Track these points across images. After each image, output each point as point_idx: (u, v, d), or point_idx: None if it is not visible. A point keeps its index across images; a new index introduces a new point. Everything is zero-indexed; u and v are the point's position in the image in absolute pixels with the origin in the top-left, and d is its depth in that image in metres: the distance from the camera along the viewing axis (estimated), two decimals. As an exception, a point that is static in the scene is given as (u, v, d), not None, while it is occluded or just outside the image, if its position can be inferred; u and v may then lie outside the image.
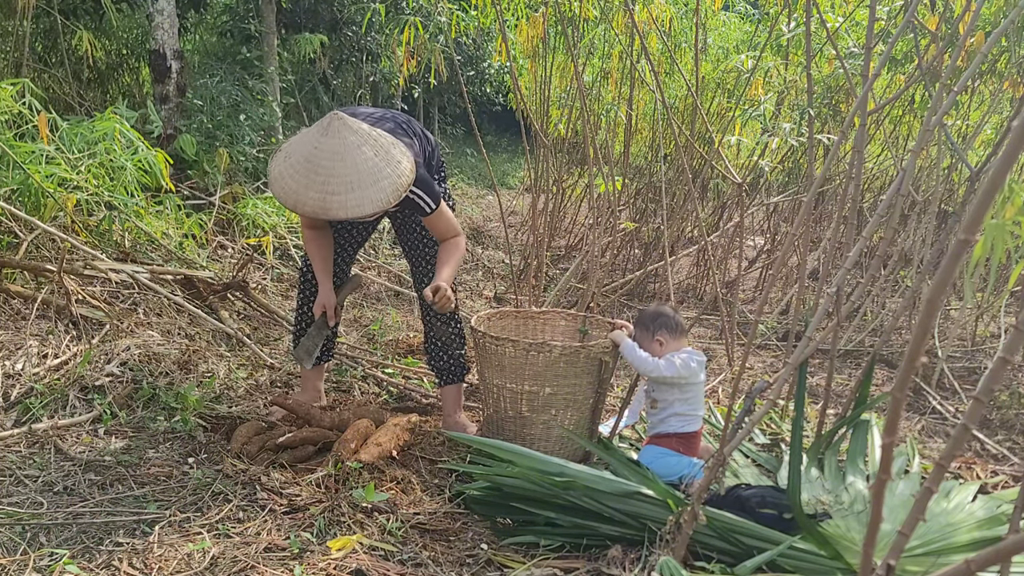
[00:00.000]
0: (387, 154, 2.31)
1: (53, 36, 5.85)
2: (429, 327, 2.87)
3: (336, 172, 2.24)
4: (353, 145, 2.25)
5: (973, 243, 0.75)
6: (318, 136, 2.27)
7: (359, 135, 2.28)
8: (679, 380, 2.47)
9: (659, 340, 2.52)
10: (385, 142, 2.34)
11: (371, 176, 2.26)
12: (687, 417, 2.51)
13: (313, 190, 2.24)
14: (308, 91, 7.65)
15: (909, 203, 5.07)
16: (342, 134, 2.25)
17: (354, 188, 2.24)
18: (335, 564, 1.88)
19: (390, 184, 2.28)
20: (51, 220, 3.49)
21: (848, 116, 2.51)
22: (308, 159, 2.26)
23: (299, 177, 2.26)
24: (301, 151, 2.28)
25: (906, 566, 1.97)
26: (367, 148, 2.27)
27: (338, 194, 2.24)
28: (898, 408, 0.84)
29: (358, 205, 2.25)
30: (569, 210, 6.76)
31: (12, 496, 2.07)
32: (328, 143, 2.25)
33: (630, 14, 3.53)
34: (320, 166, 2.24)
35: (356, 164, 2.25)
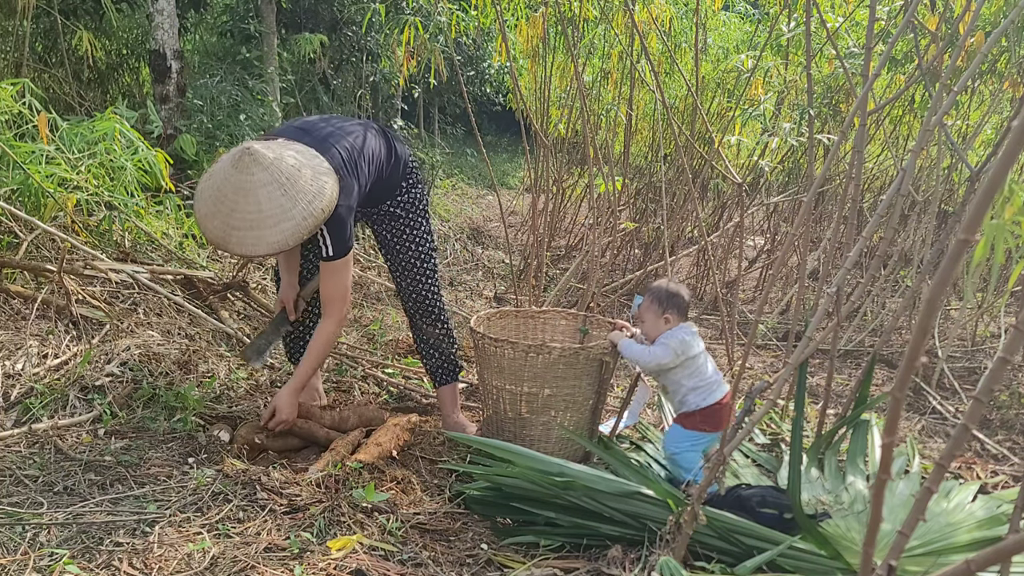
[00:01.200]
0: (297, 194, 2.22)
1: (53, 36, 5.85)
2: (416, 328, 2.88)
3: (239, 208, 2.21)
4: (259, 183, 2.20)
5: (973, 243, 0.75)
6: (229, 168, 2.23)
7: (269, 172, 2.20)
8: (678, 361, 2.44)
9: (667, 318, 2.49)
10: (300, 180, 2.23)
11: (273, 218, 2.21)
12: (702, 390, 2.44)
13: (218, 219, 2.23)
14: (308, 91, 7.64)
15: (909, 203, 5.07)
16: (250, 170, 2.20)
17: (253, 227, 2.21)
18: (335, 564, 1.88)
19: (292, 226, 2.22)
20: (51, 220, 3.49)
21: (848, 116, 2.51)
22: (218, 188, 2.23)
23: (208, 204, 2.24)
24: (217, 177, 2.25)
25: (906, 566, 1.97)
26: (274, 188, 2.20)
27: (238, 230, 2.22)
28: (898, 408, 0.85)
29: (254, 244, 2.23)
30: (569, 210, 6.76)
31: (12, 496, 2.06)
32: (235, 177, 2.21)
33: (630, 14, 3.53)
34: (226, 198, 2.22)
35: (259, 203, 2.20)
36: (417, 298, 2.82)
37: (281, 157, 2.24)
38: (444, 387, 2.88)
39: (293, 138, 2.39)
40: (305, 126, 2.49)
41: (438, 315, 2.84)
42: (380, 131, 2.66)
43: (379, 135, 2.63)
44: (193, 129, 5.01)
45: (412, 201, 2.74)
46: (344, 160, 2.41)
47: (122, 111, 3.95)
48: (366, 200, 2.60)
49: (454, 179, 10.41)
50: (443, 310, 2.86)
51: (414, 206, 2.75)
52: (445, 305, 2.89)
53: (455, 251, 6.47)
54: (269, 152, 2.23)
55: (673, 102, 5.56)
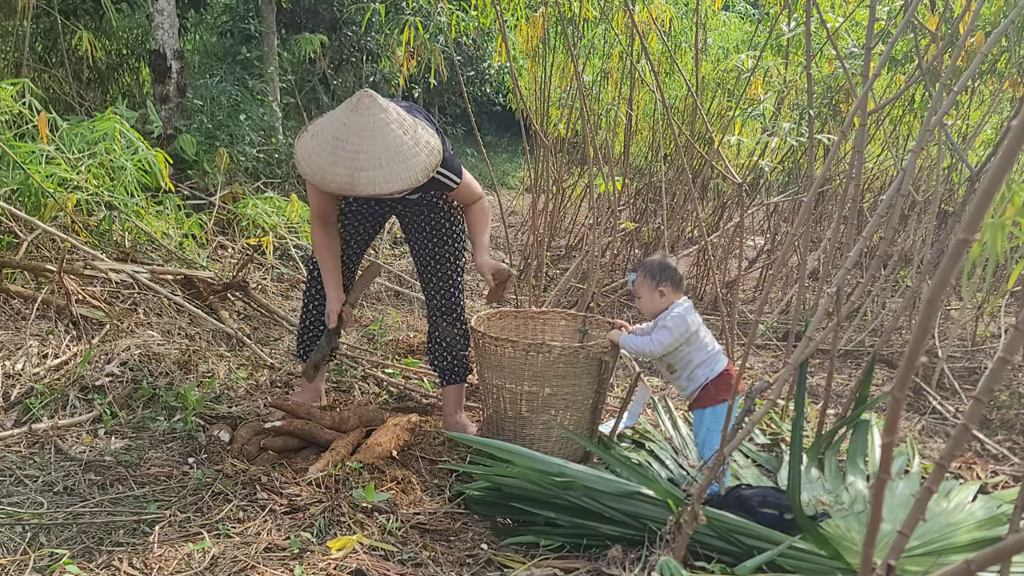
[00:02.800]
0: (415, 134, 2.32)
1: (53, 36, 5.85)
2: (434, 327, 2.87)
3: (365, 148, 2.25)
4: (382, 123, 2.26)
5: (973, 243, 0.75)
6: (347, 113, 2.27)
7: (388, 113, 2.29)
8: (682, 339, 2.43)
9: (661, 291, 2.49)
10: (414, 122, 2.36)
11: (400, 154, 2.27)
12: (707, 362, 2.44)
13: (340, 166, 2.24)
14: (308, 91, 7.65)
15: (909, 203, 5.07)
16: (371, 111, 2.26)
17: (383, 164, 2.25)
18: (335, 564, 1.88)
19: (419, 163, 2.30)
20: (51, 220, 3.49)
21: (848, 116, 2.51)
22: (336, 136, 2.26)
23: (326, 154, 2.26)
24: (329, 129, 2.28)
25: (906, 566, 1.97)
26: (395, 126, 2.29)
27: (366, 170, 2.24)
28: (898, 408, 0.85)
29: (386, 181, 2.26)
30: (569, 210, 6.76)
31: (12, 496, 2.07)
32: (357, 120, 2.25)
33: (630, 14, 3.53)
34: (348, 142, 2.25)
35: (385, 141, 2.26)
36: (444, 295, 2.82)
37: (389, 102, 2.35)
38: (450, 387, 2.87)
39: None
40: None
41: (459, 315, 2.84)
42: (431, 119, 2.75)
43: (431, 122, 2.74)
44: (193, 129, 5.01)
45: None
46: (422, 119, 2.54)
47: (122, 111, 3.95)
48: None
49: (454, 179, 10.39)
50: (463, 310, 2.86)
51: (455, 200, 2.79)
52: (464, 306, 2.90)
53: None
54: (381, 97, 2.32)
55: (673, 102, 5.56)
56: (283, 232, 4.86)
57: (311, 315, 2.85)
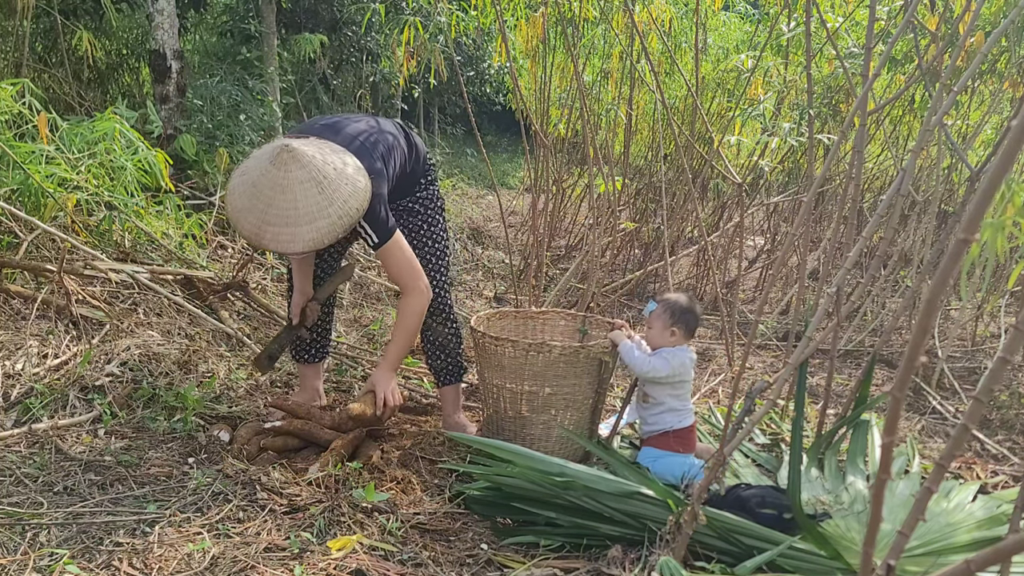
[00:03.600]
0: (334, 193, 2.24)
1: (53, 36, 5.85)
2: (426, 328, 2.86)
3: (275, 204, 2.22)
4: (296, 180, 2.21)
5: (973, 243, 0.75)
6: (267, 163, 2.24)
7: (307, 170, 2.22)
8: (673, 379, 2.50)
9: (673, 331, 2.53)
10: (335, 177, 2.26)
11: (308, 215, 2.23)
12: (680, 412, 2.54)
13: (253, 215, 2.24)
14: (308, 91, 7.65)
15: (909, 203, 5.07)
16: (288, 167, 2.22)
17: (289, 224, 2.23)
18: (335, 564, 1.88)
19: (327, 224, 2.24)
20: (51, 220, 3.49)
21: (848, 116, 2.51)
22: (254, 183, 2.25)
23: (244, 199, 2.26)
24: (252, 173, 2.27)
25: (906, 566, 1.97)
26: (311, 185, 2.22)
27: (273, 225, 2.23)
28: (897, 407, 0.85)
29: (290, 241, 2.24)
30: (569, 210, 6.76)
31: (12, 496, 2.07)
32: (273, 174, 2.22)
33: (630, 14, 3.53)
34: (262, 194, 2.23)
35: (296, 200, 2.22)
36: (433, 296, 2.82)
37: (318, 155, 2.27)
38: (447, 387, 2.87)
39: (323, 136, 2.42)
40: (333, 124, 2.52)
41: (448, 314, 2.84)
42: (401, 128, 2.71)
43: (401, 132, 2.69)
44: (193, 129, 5.01)
45: (430, 197, 2.77)
46: (374, 155, 2.45)
47: (122, 111, 3.95)
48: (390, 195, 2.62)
49: (454, 179, 10.41)
50: (453, 310, 2.86)
51: (431, 202, 2.78)
52: (454, 305, 2.89)
53: (455, 251, 6.47)
54: (307, 149, 2.25)
55: (673, 102, 5.56)
56: (283, 232, 4.84)
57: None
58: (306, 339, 2.86)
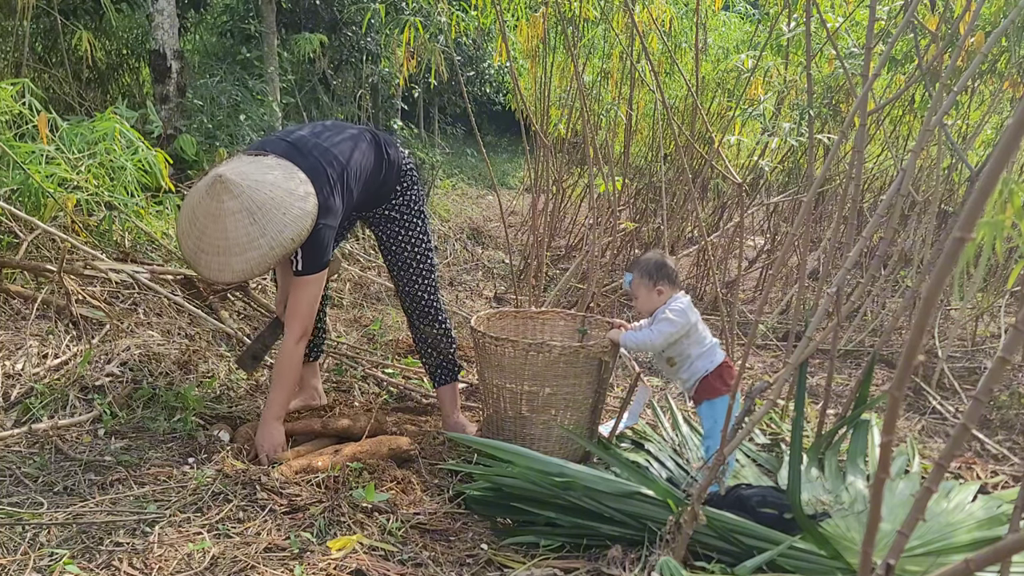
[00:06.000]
0: (267, 224, 2.23)
1: (53, 36, 5.84)
2: (415, 329, 2.88)
3: (207, 233, 2.26)
4: (228, 211, 2.23)
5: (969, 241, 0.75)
6: (203, 192, 2.27)
7: (239, 200, 2.22)
8: (684, 331, 2.43)
9: (660, 290, 2.49)
10: (271, 207, 2.23)
11: (239, 246, 2.24)
12: (707, 354, 2.45)
13: (190, 240, 2.29)
14: (308, 91, 7.64)
15: (909, 203, 5.07)
16: (220, 197, 2.23)
17: (220, 253, 2.26)
18: (335, 564, 1.88)
19: (258, 256, 2.25)
20: (51, 220, 3.49)
21: (848, 116, 2.51)
22: (192, 210, 2.29)
23: (184, 223, 2.32)
24: (192, 200, 2.31)
25: (906, 566, 1.97)
26: (243, 216, 2.23)
27: (206, 253, 2.27)
28: (896, 407, 0.85)
29: (219, 270, 2.27)
30: (569, 210, 6.76)
31: (12, 496, 2.07)
32: (206, 203, 2.25)
33: (630, 14, 3.53)
34: (197, 220, 2.27)
35: (226, 231, 2.23)
36: (414, 298, 2.82)
37: (255, 185, 2.24)
38: (444, 387, 2.88)
39: (281, 154, 2.39)
40: (296, 141, 2.47)
41: (435, 315, 2.84)
42: (372, 139, 2.65)
43: (371, 145, 2.62)
44: (193, 129, 5.01)
45: (407, 203, 2.75)
46: (329, 178, 2.40)
47: (122, 111, 3.95)
48: (360, 206, 2.64)
49: (454, 179, 10.41)
50: (440, 310, 2.86)
51: (409, 208, 2.75)
52: (443, 305, 2.89)
53: (455, 251, 6.47)
54: (242, 180, 2.23)
55: (673, 102, 5.55)
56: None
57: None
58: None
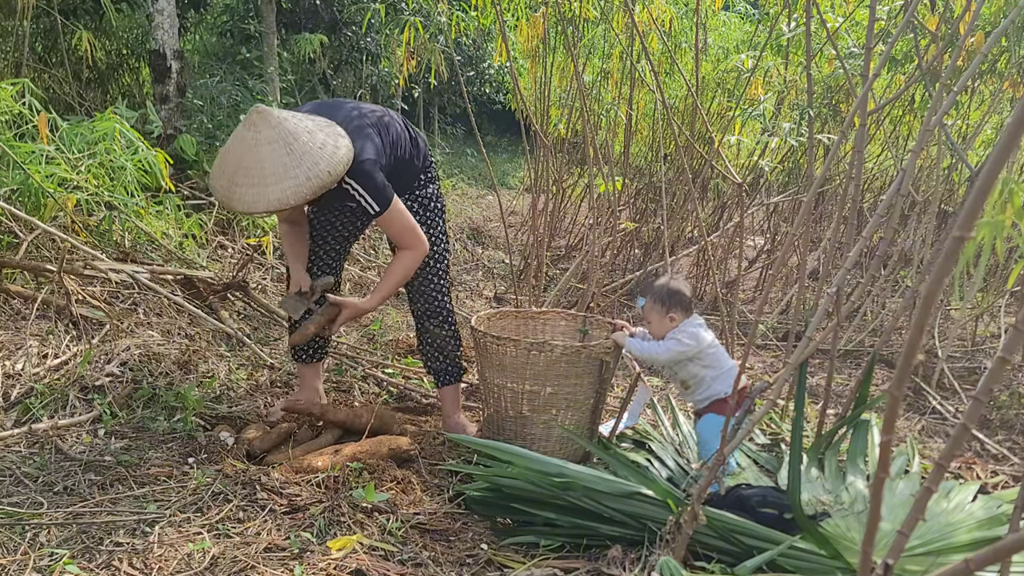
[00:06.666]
0: (302, 154, 2.23)
1: (53, 36, 5.84)
2: (422, 329, 2.86)
3: (243, 164, 2.24)
4: (265, 140, 2.23)
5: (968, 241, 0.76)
6: (240, 127, 2.28)
7: (276, 130, 2.23)
8: (692, 353, 2.43)
9: (672, 317, 2.49)
10: (307, 140, 2.25)
11: (275, 175, 2.23)
12: (725, 376, 2.44)
13: (224, 178, 2.27)
14: (308, 91, 7.64)
15: (909, 203, 5.07)
16: (257, 127, 2.24)
17: (255, 184, 2.23)
18: (335, 564, 1.88)
19: (293, 185, 2.23)
20: (51, 220, 3.49)
21: (848, 116, 2.51)
22: (228, 148, 2.28)
23: (218, 163, 2.30)
24: (230, 140, 2.31)
25: (906, 566, 1.97)
26: (279, 146, 2.23)
27: (241, 187, 2.25)
28: (896, 406, 0.85)
29: (254, 201, 2.24)
30: (569, 210, 6.76)
31: (12, 496, 2.07)
32: (243, 134, 2.25)
33: (630, 14, 3.53)
34: (233, 155, 2.26)
35: (262, 160, 2.23)
36: (427, 298, 2.79)
37: (292, 119, 2.28)
38: (446, 388, 2.87)
39: (317, 112, 2.45)
40: (331, 103, 2.56)
41: (445, 316, 2.82)
42: (402, 119, 2.71)
43: (401, 123, 2.68)
44: (193, 129, 5.01)
45: (429, 197, 2.74)
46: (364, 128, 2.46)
47: (122, 111, 3.95)
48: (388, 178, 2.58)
49: (454, 179, 10.41)
50: (451, 312, 2.84)
51: (431, 202, 2.75)
52: (452, 307, 2.87)
53: (455, 251, 6.47)
54: (279, 113, 2.27)
55: (673, 102, 5.55)
56: (283, 232, 4.85)
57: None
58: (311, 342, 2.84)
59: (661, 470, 2.57)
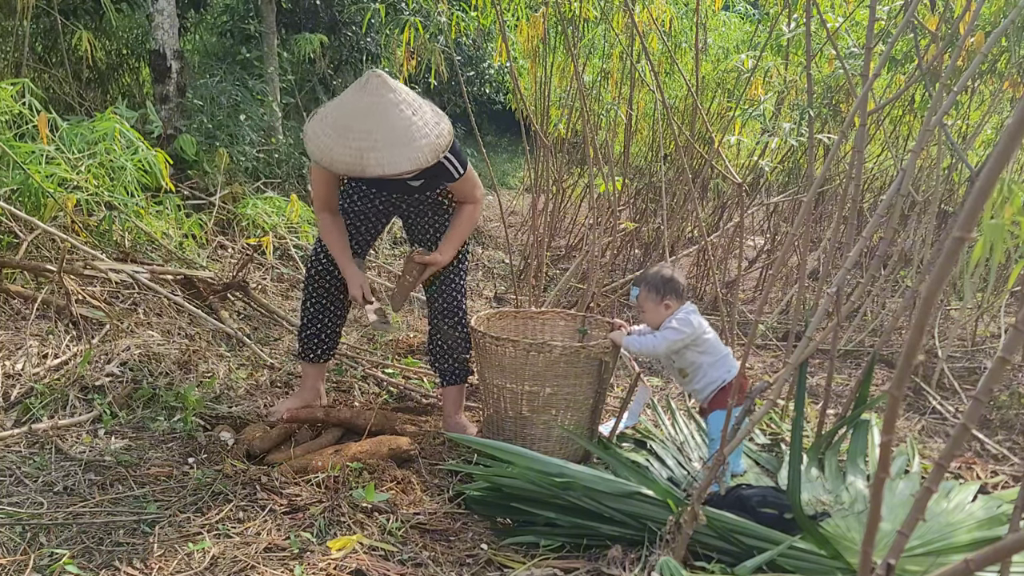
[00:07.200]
0: (424, 115, 2.31)
1: (53, 36, 5.85)
2: (435, 330, 2.85)
3: (371, 129, 2.24)
4: (390, 103, 2.26)
5: (967, 241, 0.75)
6: (356, 93, 2.28)
7: (396, 93, 2.28)
8: (689, 340, 2.44)
9: (667, 304, 2.50)
10: (423, 103, 2.35)
11: (407, 135, 2.26)
12: (721, 362, 2.46)
13: (348, 147, 2.25)
14: (308, 91, 7.64)
15: (909, 203, 5.07)
16: (379, 91, 2.26)
17: (390, 145, 2.25)
18: (335, 564, 1.89)
19: (427, 144, 2.29)
20: (51, 220, 3.49)
21: (848, 116, 2.51)
22: (344, 116, 2.27)
23: (335, 135, 2.26)
24: (339, 110, 2.29)
25: (906, 566, 1.97)
26: (404, 107, 2.28)
27: (374, 151, 2.25)
28: (896, 406, 0.85)
29: (394, 162, 2.26)
30: (569, 210, 6.76)
31: (12, 496, 2.07)
32: (365, 100, 2.26)
33: (630, 14, 3.53)
34: (356, 123, 2.25)
35: (392, 122, 2.25)
36: (447, 297, 2.79)
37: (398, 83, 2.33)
38: (450, 387, 2.86)
39: None
40: None
41: (461, 318, 2.82)
42: None
43: None
44: (193, 129, 5.01)
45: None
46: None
47: (122, 111, 3.95)
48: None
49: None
50: (465, 313, 2.84)
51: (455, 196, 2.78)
52: (467, 309, 2.87)
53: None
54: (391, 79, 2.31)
55: (673, 102, 5.55)
56: (283, 232, 4.86)
57: (310, 313, 2.83)
58: (321, 337, 2.84)
59: (661, 470, 2.57)
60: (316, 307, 2.80)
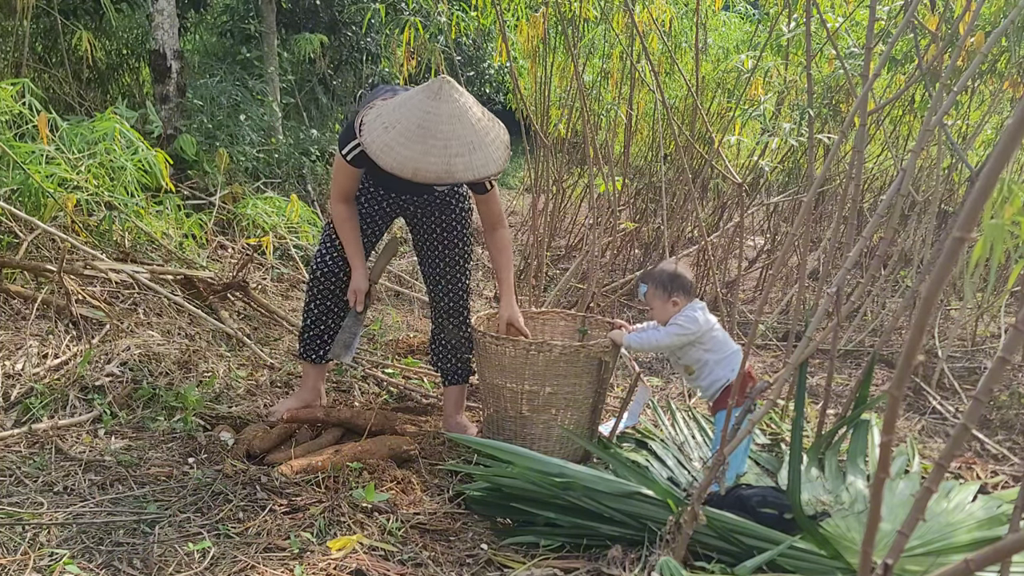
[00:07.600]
0: (490, 117, 2.36)
1: (53, 36, 5.85)
2: (439, 330, 2.85)
3: (456, 135, 2.26)
4: (466, 106, 2.29)
5: (967, 241, 0.76)
6: (429, 102, 2.27)
7: (466, 96, 2.32)
8: (694, 337, 2.43)
9: (675, 301, 2.49)
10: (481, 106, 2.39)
11: (488, 137, 2.31)
12: (728, 360, 2.45)
13: (434, 155, 2.25)
14: (308, 91, 7.64)
15: (909, 203, 5.07)
16: (453, 97, 2.28)
17: (475, 148, 2.28)
18: (335, 564, 1.89)
19: (502, 144, 2.34)
20: (51, 220, 3.50)
21: (848, 116, 2.51)
22: (421, 125, 2.25)
23: (415, 145, 2.24)
24: (411, 119, 2.26)
25: (906, 566, 1.97)
26: (476, 109, 2.33)
27: (461, 155, 2.26)
28: (896, 406, 0.85)
29: (483, 164, 2.29)
30: (569, 210, 6.75)
31: (12, 496, 2.07)
32: (443, 107, 2.27)
33: (630, 14, 3.53)
34: (438, 131, 2.25)
35: (472, 124, 2.28)
36: (452, 297, 2.79)
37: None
38: (452, 387, 2.86)
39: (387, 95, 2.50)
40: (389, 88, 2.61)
41: (465, 318, 2.82)
42: None
43: None
44: (193, 129, 5.01)
45: (464, 195, 2.77)
46: None
47: (122, 111, 3.95)
48: None
49: (454, 179, 10.39)
50: (469, 313, 2.84)
51: (466, 200, 2.78)
52: (470, 309, 2.87)
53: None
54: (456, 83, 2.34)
55: (673, 102, 5.55)
56: (283, 232, 4.86)
57: (313, 314, 2.82)
58: (323, 338, 2.84)
59: (661, 470, 2.57)
60: (320, 308, 2.80)
